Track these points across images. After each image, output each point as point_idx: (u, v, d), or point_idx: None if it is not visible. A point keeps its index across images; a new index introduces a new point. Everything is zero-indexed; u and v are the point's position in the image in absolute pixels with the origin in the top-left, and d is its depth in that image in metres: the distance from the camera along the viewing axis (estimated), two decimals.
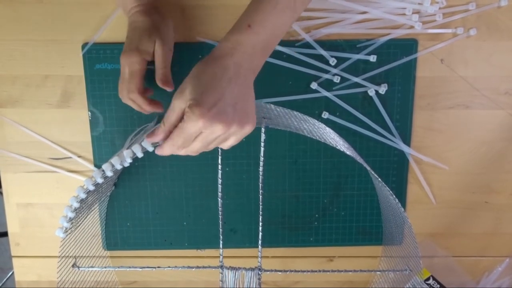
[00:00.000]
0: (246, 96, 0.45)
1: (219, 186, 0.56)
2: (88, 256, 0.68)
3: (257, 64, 0.47)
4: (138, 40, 0.57)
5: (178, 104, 0.44)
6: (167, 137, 0.46)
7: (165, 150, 0.47)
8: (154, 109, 0.61)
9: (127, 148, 0.49)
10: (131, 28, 0.59)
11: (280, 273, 0.64)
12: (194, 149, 0.46)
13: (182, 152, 0.48)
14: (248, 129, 0.46)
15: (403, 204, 0.73)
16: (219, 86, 0.43)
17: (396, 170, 0.72)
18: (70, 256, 0.62)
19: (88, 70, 0.67)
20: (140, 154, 0.49)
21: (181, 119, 0.44)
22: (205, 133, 0.44)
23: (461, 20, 0.67)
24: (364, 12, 0.66)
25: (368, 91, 0.68)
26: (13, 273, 0.77)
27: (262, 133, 0.53)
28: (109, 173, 0.50)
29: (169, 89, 0.59)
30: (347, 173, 0.72)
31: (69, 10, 0.66)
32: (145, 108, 0.60)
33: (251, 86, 0.47)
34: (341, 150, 0.52)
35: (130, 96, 0.59)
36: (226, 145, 0.47)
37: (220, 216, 0.59)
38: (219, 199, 0.57)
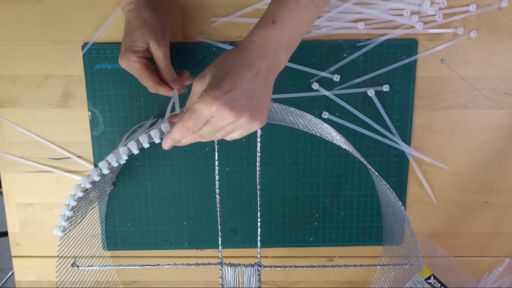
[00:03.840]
0: (263, 93, 0.45)
1: (216, 182, 0.56)
2: (88, 256, 0.68)
3: (280, 61, 0.47)
4: (130, 40, 0.57)
5: (198, 88, 0.44)
6: None
7: (175, 133, 0.47)
8: (182, 83, 0.60)
9: (123, 145, 0.49)
10: (125, 28, 0.58)
11: (279, 268, 0.64)
12: (201, 133, 0.46)
13: (189, 139, 0.47)
14: (256, 126, 0.45)
15: (403, 204, 0.73)
16: (238, 76, 0.43)
17: (396, 170, 0.71)
18: (70, 256, 0.62)
19: (88, 70, 0.68)
20: (135, 151, 0.49)
21: None
22: (215, 118, 0.44)
23: (461, 20, 0.67)
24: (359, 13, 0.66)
25: (368, 92, 0.68)
26: (13, 273, 0.77)
27: (258, 129, 0.53)
28: (106, 171, 0.50)
29: (178, 87, 0.59)
30: (347, 173, 0.72)
31: (69, 10, 0.66)
32: (172, 90, 0.59)
33: (271, 84, 0.47)
34: (337, 144, 0.52)
35: (153, 91, 0.59)
36: (231, 137, 0.47)
37: (218, 213, 0.59)
38: (217, 196, 0.57)
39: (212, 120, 0.44)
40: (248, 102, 0.44)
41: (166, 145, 0.48)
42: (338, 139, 0.56)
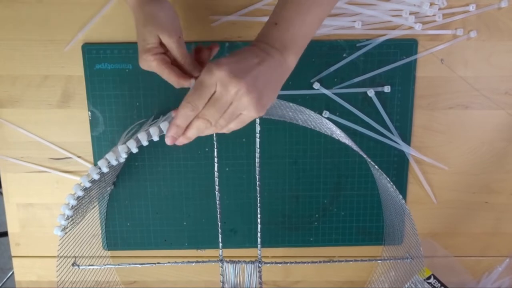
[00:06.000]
0: (268, 82, 0.45)
1: (216, 179, 0.56)
2: (88, 256, 0.68)
3: (287, 61, 0.47)
4: (141, 39, 0.54)
5: (206, 79, 0.44)
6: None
7: (179, 118, 0.45)
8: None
9: (122, 144, 0.49)
10: (135, 28, 0.56)
11: (280, 265, 0.64)
12: (206, 115, 0.45)
13: (193, 130, 0.46)
14: (254, 113, 0.45)
15: None
16: (244, 56, 0.44)
17: (396, 170, 0.72)
18: (70, 256, 0.62)
19: (88, 70, 0.68)
20: (135, 149, 0.49)
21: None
22: (219, 90, 0.43)
23: (461, 20, 0.67)
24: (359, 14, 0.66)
25: (368, 92, 0.68)
26: (13, 273, 0.77)
27: (257, 124, 0.53)
28: (105, 169, 0.50)
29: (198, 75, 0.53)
30: (347, 173, 0.72)
31: (69, 10, 0.66)
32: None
33: (279, 80, 0.47)
34: (337, 138, 0.52)
35: (177, 87, 0.56)
36: (228, 128, 0.47)
37: (218, 210, 0.59)
38: (217, 193, 0.57)
39: (216, 95, 0.43)
40: (251, 78, 0.43)
41: (169, 136, 0.46)
42: (338, 134, 0.56)
